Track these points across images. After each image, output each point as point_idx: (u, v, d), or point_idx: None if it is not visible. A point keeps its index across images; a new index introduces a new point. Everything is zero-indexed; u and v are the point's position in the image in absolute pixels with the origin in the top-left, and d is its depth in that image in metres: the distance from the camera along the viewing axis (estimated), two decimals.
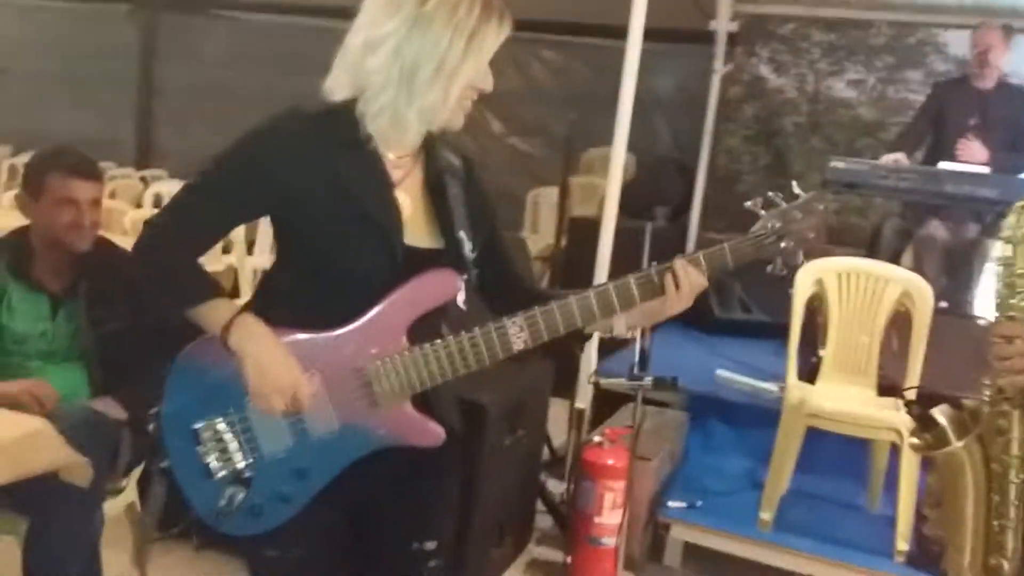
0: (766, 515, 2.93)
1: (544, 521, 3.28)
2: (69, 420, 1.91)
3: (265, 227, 4.33)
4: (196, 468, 1.36)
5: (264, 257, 5.09)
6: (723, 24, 5.41)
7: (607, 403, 3.63)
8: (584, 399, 3.70)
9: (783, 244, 1.46)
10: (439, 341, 1.35)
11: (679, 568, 3.09)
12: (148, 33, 8.86)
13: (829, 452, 3.40)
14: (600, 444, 2.84)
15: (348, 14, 1.37)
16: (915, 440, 1.60)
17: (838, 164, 3.77)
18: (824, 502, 3.26)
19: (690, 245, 5.24)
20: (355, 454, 1.37)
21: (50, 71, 9.00)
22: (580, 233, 4.79)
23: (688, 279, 1.39)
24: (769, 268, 1.49)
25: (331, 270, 1.34)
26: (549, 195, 6.34)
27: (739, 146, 5.42)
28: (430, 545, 1.51)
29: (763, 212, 1.47)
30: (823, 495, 3.29)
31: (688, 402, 3.74)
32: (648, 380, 2.53)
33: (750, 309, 4.99)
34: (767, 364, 3.85)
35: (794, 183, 1.51)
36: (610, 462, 2.81)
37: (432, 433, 1.39)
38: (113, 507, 2.10)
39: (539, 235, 6.55)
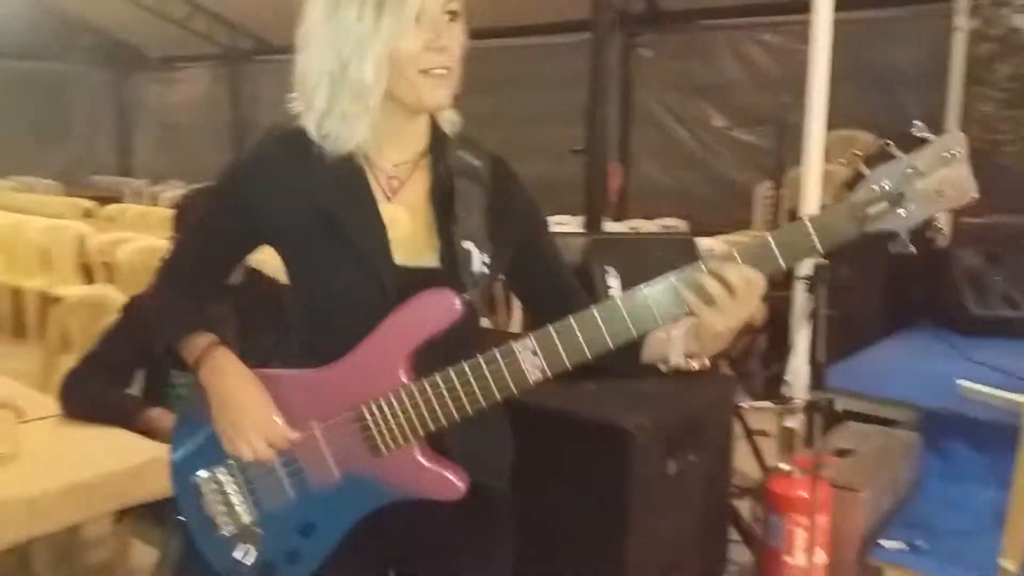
0: (1008, 563, 2.36)
1: (744, 553, 2.94)
2: None
3: None
4: (205, 522, 1.29)
5: None
6: None
7: (827, 422, 3.20)
8: (795, 417, 3.28)
9: (902, 211, 1.08)
10: (437, 375, 1.17)
11: None
12: None
13: None
14: (789, 473, 2.46)
15: (563, 28, 1.25)
16: None
17: None
18: None
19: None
20: (364, 508, 1.23)
21: None
22: None
23: (726, 281, 1.10)
24: (891, 246, 1.13)
25: (319, 299, 1.24)
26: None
27: (995, 112, 4.57)
28: None
29: (867, 171, 1.10)
30: None
31: (922, 420, 3.17)
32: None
33: (1018, 305, 4.17)
34: None
35: (916, 123, 1.12)
36: (800, 494, 2.42)
37: (449, 485, 1.20)
38: None
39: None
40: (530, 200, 1.35)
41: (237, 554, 1.26)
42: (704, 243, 5.64)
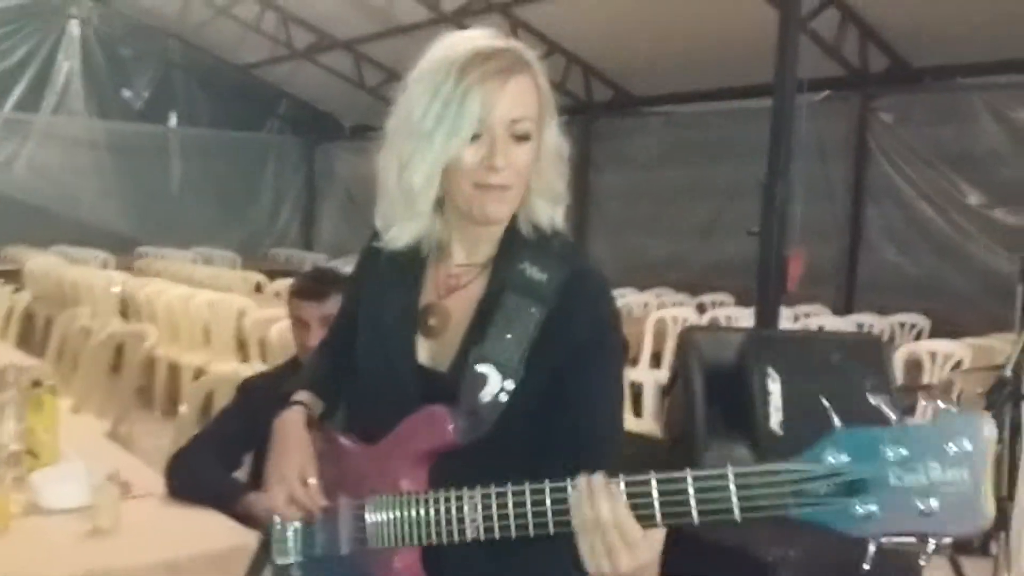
0: None
1: None
2: None
3: None
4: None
5: None
6: None
7: None
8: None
9: (859, 507, 0.98)
10: (423, 495, 1.26)
11: None
12: (582, 141, 9.74)
13: None
14: None
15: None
16: None
17: None
18: None
19: None
20: None
21: None
22: None
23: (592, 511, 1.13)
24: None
25: (360, 381, 1.43)
26: None
27: None
28: None
29: (892, 415, 0.96)
30: None
31: None
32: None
33: None
34: None
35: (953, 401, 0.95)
36: None
37: None
38: None
39: None
40: (593, 328, 1.32)
41: None
42: (943, 347, 5.18)
